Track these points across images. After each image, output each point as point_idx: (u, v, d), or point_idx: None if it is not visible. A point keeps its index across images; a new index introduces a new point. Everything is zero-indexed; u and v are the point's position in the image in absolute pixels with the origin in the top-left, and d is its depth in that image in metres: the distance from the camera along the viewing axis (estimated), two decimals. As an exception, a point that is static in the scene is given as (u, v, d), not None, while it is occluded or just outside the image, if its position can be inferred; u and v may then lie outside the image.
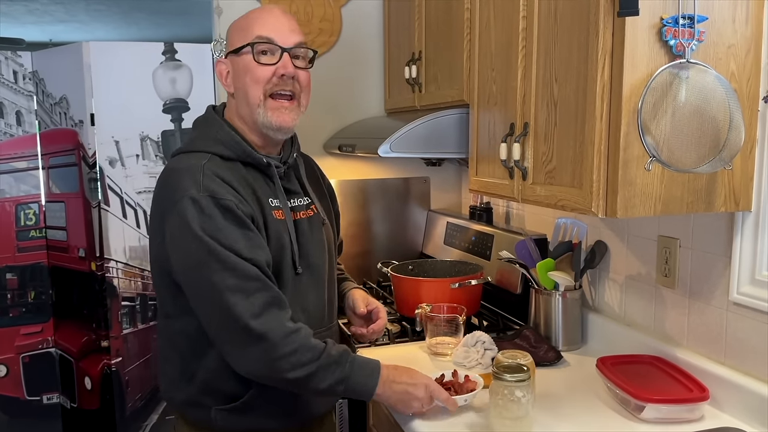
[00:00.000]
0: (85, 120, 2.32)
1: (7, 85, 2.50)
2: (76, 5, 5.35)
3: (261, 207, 1.35)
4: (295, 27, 1.39)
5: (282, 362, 1.24)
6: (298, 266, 1.39)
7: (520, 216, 2.28)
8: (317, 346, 1.28)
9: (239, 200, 1.29)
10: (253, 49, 1.34)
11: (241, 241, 1.26)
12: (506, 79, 1.65)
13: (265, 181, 1.39)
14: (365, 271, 2.58)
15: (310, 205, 1.48)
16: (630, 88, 1.24)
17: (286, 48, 1.35)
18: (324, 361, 1.27)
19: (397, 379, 1.34)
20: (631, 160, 1.26)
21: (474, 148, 1.85)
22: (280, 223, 1.37)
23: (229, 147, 1.36)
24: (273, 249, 1.34)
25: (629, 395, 1.38)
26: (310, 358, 1.26)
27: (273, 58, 1.35)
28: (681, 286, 1.57)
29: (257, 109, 1.36)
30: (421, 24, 2.19)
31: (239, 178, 1.34)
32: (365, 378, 1.31)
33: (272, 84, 1.35)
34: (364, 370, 1.32)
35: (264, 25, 1.36)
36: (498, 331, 1.95)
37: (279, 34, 1.35)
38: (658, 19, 1.24)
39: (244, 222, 1.28)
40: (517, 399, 1.28)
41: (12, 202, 2.55)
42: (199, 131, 1.42)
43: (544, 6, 1.48)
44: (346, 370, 1.29)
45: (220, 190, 1.28)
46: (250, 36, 1.35)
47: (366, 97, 2.59)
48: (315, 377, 1.26)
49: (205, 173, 1.30)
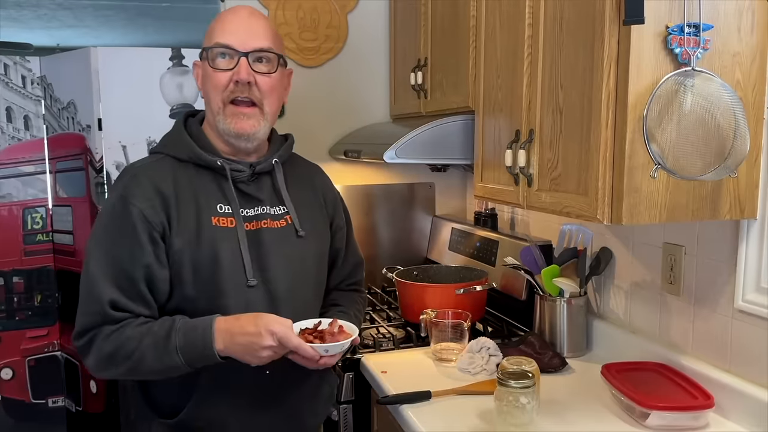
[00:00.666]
0: (92, 125, 2.33)
1: (16, 89, 2.52)
2: (83, 10, 5.39)
3: (197, 212, 1.30)
4: (259, 30, 1.32)
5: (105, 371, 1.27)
6: (250, 278, 1.32)
7: (525, 222, 2.28)
8: (135, 335, 1.23)
9: (151, 205, 1.27)
10: (208, 55, 1.31)
11: (126, 251, 1.25)
12: (512, 86, 1.66)
13: (219, 185, 1.34)
14: (370, 277, 2.57)
15: (284, 216, 1.40)
16: (635, 96, 1.25)
17: (244, 53, 1.29)
18: (147, 343, 1.22)
19: (239, 330, 1.22)
20: (637, 168, 1.26)
21: (479, 155, 1.86)
22: (223, 230, 1.31)
23: (182, 149, 1.34)
24: (204, 257, 1.29)
25: (634, 402, 1.38)
26: (130, 350, 1.23)
27: (230, 63, 1.30)
28: (686, 293, 1.57)
29: (218, 116, 1.32)
30: (427, 30, 2.20)
31: (182, 181, 1.31)
32: (199, 339, 1.22)
33: (229, 91, 1.30)
34: (195, 332, 1.23)
35: (223, 29, 1.31)
36: (503, 338, 1.95)
37: (237, 39, 1.30)
38: (663, 27, 1.24)
39: (137, 231, 1.25)
40: (522, 405, 1.28)
41: (19, 206, 2.57)
42: (165, 135, 1.42)
43: (549, 14, 1.48)
44: (176, 340, 1.22)
45: (136, 192, 1.27)
46: (209, 40, 1.32)
47: (371, 103, 2.60)
48: (144, 361, 1.23)
49: (136, 174, 1.31)
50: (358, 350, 1.85)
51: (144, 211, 1.26)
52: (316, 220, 1.47)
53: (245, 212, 1.35)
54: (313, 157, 2.49)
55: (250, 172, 1.36)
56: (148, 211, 1.26)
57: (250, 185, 1.37)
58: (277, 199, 1.40)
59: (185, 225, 1.29)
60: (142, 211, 1.26)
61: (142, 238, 1.26)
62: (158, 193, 1.29)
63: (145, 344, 1.23)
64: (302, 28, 2.46)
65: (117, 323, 1.24)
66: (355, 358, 1.82)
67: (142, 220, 1.26)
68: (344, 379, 1.80)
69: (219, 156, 1.35)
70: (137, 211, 1.26)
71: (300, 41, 2.46)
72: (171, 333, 1.23)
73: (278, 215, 1.39)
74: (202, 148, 1.34)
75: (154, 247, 1.27)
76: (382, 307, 2.30)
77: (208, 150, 1.35)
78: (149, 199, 1.27)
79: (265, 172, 1.40)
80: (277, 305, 1.34)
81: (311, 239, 1.43)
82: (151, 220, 1.26)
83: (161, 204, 1.28)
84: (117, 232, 1.27)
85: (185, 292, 1.30)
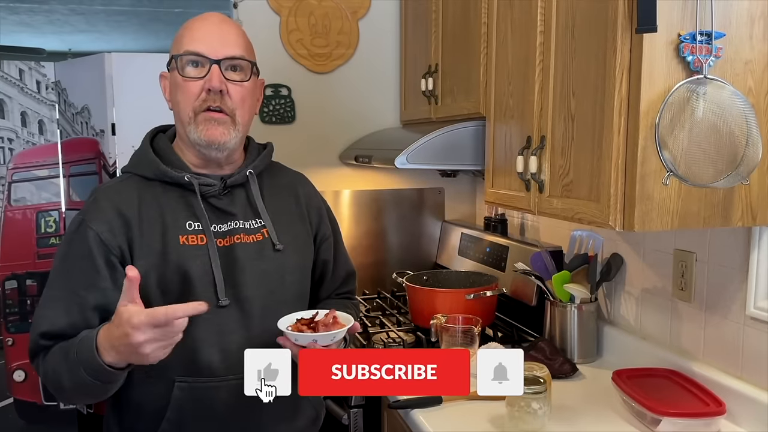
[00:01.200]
0: (106, 129, 2.36)
1: (31, 94, 2.55)
2: (96, 16, 5.43)
3: (163, 232, 1.25)
4: (231, 38, 1.27)
5: (54, 393, 1.27)
6: (222, 297, 1.25)
7: (535, 228, 2.29)
8: (56, 352, 1.19)
9: (109, 228, 1.22)
10: (178, 63, 1.25)
11: (78, 275, 1.22)
12: (523, 93, 1.66)
13: (187, 202, 1.28)
14: (379, 281, 2.59)
15: (260, 229, 1.33)
16: (647, 104, 1.25)
17: (215, 60, 1.23)
18: (59, 359, 1.18)
19: (113, 336, 1.09)
20: (649, 175, 1.27)
21: (490, 161, 1.87)
22: (191, 249, 1.25)
23: (147, 167, 1.29)
24: (171, 278, 1.24)
25: (645, 408, 1.38)
26: (52, 370, 1.20)
27: (201, 71, 1.24)
28: (697, 299, 1.57)
29: (188, 127, 1.26)
30: (438, 37, 2.21)
31: (147, 201, 1.27)
32: (89, 353, 1.12)
33: (200, 100, 1.24)
34: (87, 345, 1.13)
35: (192, 36, 1.26)
36: (513, 343, 1.96)
37: (208, 46, 1.24)
38: (675, 35, 1.25)
39: (92, 256, 1.21)
40: (534, 411, 1.29)
41: (33, 210, 2.59)
42: (134, 153, 1.38)
43: (561, 21, 1.49)
44: (75, 356, 1.14)
45: (94, 215, 1.24)
46: (179, 48, 1.26)
47: (381, 109, 2.61)
48: (62, 379, 1.17)
49: (97, 197, 1.27)
50: (368, 355, 1.85)
51: (101, 235, 1.22)
52: (297, 232, 1.40)
53: (217, 228, 1.29)
54: (323, 162, 2.52)
55: (221, 186, 1.30)
56: (105, 235, 1.22)
57: (222, 199, 1.30)
58: (252, 212, 1.33)
59: (149, 246, 1.24)
60: (98, 235, 1.22)
61: (98, 261, 1.21)
62: (119, 215, 1.24)
63: (57, 360, 1.19)
64: (314, 35, 2.48)
65: (48, 349, 1.22)
66: (366, 362, 1.82)
67: (98, 243, 1.22)
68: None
69: (187, 171, 1.29)
70: (93, 235, 1.22)
71: (311, 47, 2.48)
72: (72, 347, 1.16)
73: (253, 229, 1.32)
74: (169, 164, 1.29)
75: (111, 271, 1.22)
76: (391, 312, 2.31)
77: (176, 166, 1.29)
78: (107, 221, 1.23)
79: (238, 184, 1.33)
80: (250, 324, 1.29)
81: (291, 252, 1.36)
82: (108, 244, 1.22)
83: (122, 226, 1.24)
84: (73, 256, 1.24)
85: None
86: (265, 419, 1.33)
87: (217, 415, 1.28)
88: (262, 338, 1.27)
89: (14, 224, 2.58)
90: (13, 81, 2.52)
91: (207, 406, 1.28)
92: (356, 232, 2.60)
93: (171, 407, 1.26)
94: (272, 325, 1.26)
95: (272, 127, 2.46)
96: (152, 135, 1.36)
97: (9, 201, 2.57)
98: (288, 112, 2.47)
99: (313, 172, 2.59)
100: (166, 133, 1.38)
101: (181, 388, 1.25)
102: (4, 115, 2.51)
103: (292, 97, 2.48)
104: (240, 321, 1.28)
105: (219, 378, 1.26)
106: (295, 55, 2.47)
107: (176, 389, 1.25)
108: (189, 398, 1.26)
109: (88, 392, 1.20)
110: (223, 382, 1.27)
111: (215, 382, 1.26)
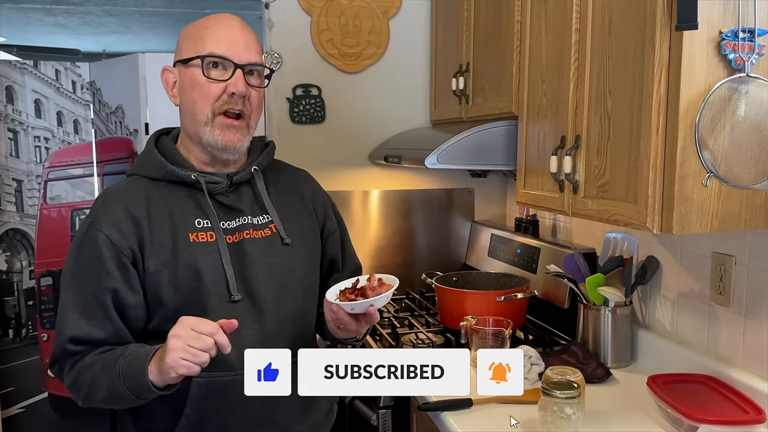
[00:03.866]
0: (139, 129, 2.39)
1: (66, 94, 2.59)
2: (129, 17, 5.52)
3: (173, 230, 1.27)
4: (253, 43, 1.30)
5: (77, 399, 1.26)
6: (234, 292, 1.27)
7: (567, 229, 2.25)
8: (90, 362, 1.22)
9: (117, 230, 1.24)
10: (203, 63, 1.26)
11: (93, 278, 1.23)
12: (557, 92, 1.64)
13: (195, 200, 1.30)
14: (408, 282, 2.58)
15: (268, 224, 1.35)
16: (687, 103, 1.22)
17: (240, 65, 1.26)
18: (98, 369, 1.21)
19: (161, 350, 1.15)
20: (688, 176, 1.24)
21: (522, 161, 1.85)
22: (202, 246, 1.27)
23: (154, 168, 1.31)
24: (184, 276, 1.25)
25: (682, 415, 1.35)
26: (86, 379, 1.22)
27: (225, 74, 1.26)
28: (736, 304, 1.53)
29: (204, 127, 1.28)
30: (470, 36, 2.19)
31: (155, 201, 1.28)
32: (140, 372, 1.15)
33: (221, 102, 1.26)
34: (138, 363, 1.17)
35: (217, 39, 1.27)
36: (544, 346, 1.93)
37: (233, 50, 1.26)
38: (716, 32, 1.22)
39: (102, 258, 1.23)
40: (567, 416, 1.27)
41: (68, 208, 2.64)
42: (138, 155, 1.41)
43: (598, 19, 1.47)
44: (120, 366, 1.18)
45: (103, 218, 1.25)
46: (201, 48, 1.26)
47: (411, 109, 2.60)
48: (96, 388, 1.21)
49: (106, 199, 1.29)
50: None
51: (111, 237, 1.23)
52: (304, 227, 1.42)
53: (226, 224, 1.31)
54: (352, 162, 2.52)
55: (227, 183, 1.32)
56: (115, 237, 1.23)
57: (229, 196, 1.33)
58: (258, 208, 1.36)
59: (160, 245, 1.25)
60: (108, 237, 1.23)
61: (109, 264, 1.23)
62: (128, 216, 1.25)
63: (96, 370, 1.21)
64: (344, 34, 2.48)
65: (78, 354, 1.24)
66: (395, 363, 1.82)
67: (109, 245, 1.23)
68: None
69: (193, 170, 1.31)
70: (103, 237, 1.23)
71: (342, 47, 2.48)
72: (118, 359, 1.19)
73: (261, 224, 1.35)
74: (174, 164, 1.31)
75: (123, 272, 1.24)
76: (420, 313, 2.30)
77: (182, 165, 1.31)
78: (116, 223, 1.24)
79: (244, 181, 1.36)
80: (263, 318, 1.30)
81: (299, 246, 1.38)
82: (119, 245, 1.23)
83: (131, 227, 1.25)
84: (85, 259, 1.25)
85: (166, 313, 1.26)
86: (281, 412, 1.34)
87: (234, 409, 1.30)
88: (276, 331, 1.31)
89: (50, 222, 2.63)
90: (49, 81, 2.57)
91: (224, 400, 1.29)
92: (385, 233, 2.59)
93: (189, 403, 1.28)
94: (285, 317, 1.32)
95: (302, 127, 2.47)
96: (156, 137, 1.39)
97: (45, 199, 2.62)
98: (318, 111, 2.48)
99: (342, 172, 2.63)
100: (168, 135, 1.40)
101: (199, 383, 1.26)
102: (40, 115, 2.56)
103: (322, 96, 2.49)
104: (253, 315, 1.30)
105: (235, 372, 1.27)
106: (325, 54, 2.47)
107: (194, 384, 1.26)
108: (207, 393, 1.28)
109: (117, 402, 1.24)
110: (239, 376, 1.26)
111: (231, 376, 1.27)
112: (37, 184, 2.62)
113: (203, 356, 1.11)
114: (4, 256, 2.67)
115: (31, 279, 2.71)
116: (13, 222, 2.62)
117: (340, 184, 2.51)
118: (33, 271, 2.70)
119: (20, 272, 2.70)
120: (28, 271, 2.70)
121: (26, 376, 2.83)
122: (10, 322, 2.73)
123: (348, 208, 2.53)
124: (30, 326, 2.76)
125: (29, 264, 2.69)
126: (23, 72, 2.54)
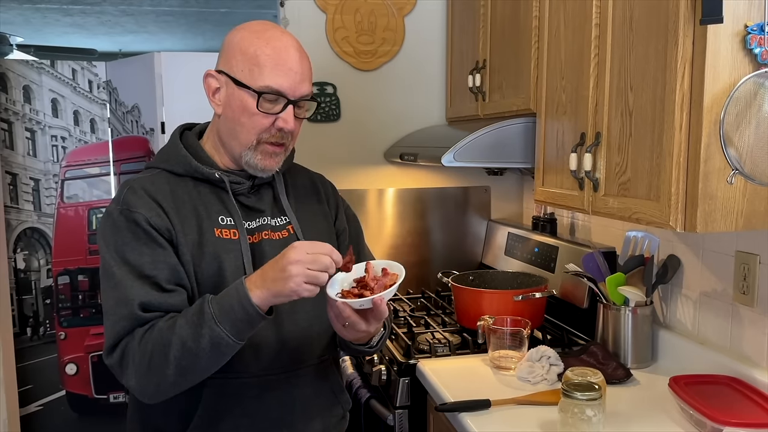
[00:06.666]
0: (155, 128, 2.39)
1: (83, 94, 2.60)
2: (145, 17, 5.54)
3: (199, 223, 1.26)
4: (307, 73, 1.29)
5: (148, 380, 1.16)
6: None
7: (586, 228, 2.22)
8: (167, 325, 1.16)
9: (155, 214, 1.23)
10: (258, 96, 1.25)
11: (145, 255, 1.20)
12: (577, 88, 1.61)
13: (219, 197, 1.31)
14: (423, 281, 2.57)
15: (286, 226, 1.36)
16: (711, 98, 1.20)
17: (293, 100, 1.27)
18: (181, 324, 1.14)
19: (267, 267, 1.15)
20: (712, 173, 1.21)
21: (540, 158, 1.82)
22: (226, 242, 1.27)
23: (179, 163, 1.31)
24: (207, 269, 1.25)
25: (705, 417, 1.32)
26: (167, 340, 1.14)
27: (276, 107, 1.26)
28: (760, 304, 1.50)
29: (246, 150, 1.28)
30: (486, 32, 2.17)
31: (179, 195, 1.28)
32: (234, 297, 1.13)
33: (269, 134, 1.27)
34: (228, 294, 1.15)
35: (277, 72, 1.25)
36: (563, 346, 1.90)
37: (289, 84, 1.25)
38: (742, 26, 1.19)
39: (150, 235, 1.21)
40: (588, 418, 1.24)
41: (84, 207, 2.65)
42: (161, 149, 1.39)
43: (618, 14, 1.44)
44: (210, 310, 1.14)
45: (136, 203, 1.23)
46: (258, 77, 1.24)
47: (427, 106, 2.58)
48: (185, 346, 1.13)
49: (132, 187, 1.26)
50: (413, 355, 1.83)
51: (150, 219, 1.22)
52: (320, 229, 1.42)
53: (247, 224, 1.31)
54: (368, 160, 2.51)
55: (249, 184, 1.33)
56: (154, 219, 1.22)
57: (251, 197, 1.34)
58: (278, 210, 1.37)
59: (187, 236, 1.25)
60: (148, 219, 1.22)
61: (159, 239, 1.22)
62: (158, 204, 1.25)
63: (179, 326, 1.14)
64: (359, 32, 2.46)
65: (147, 323, 1.18)
66: (411, 363, 1.80)
67: (150, 225, 1.22)
68: (400, 384, 1.78)
69: (217, 168, 1.32)
70: (143, 218, 1.22)
71: (357, 45, 2.47)
72: (203, 306, 1.15)
73: (279, 226, 1.36)
74: (199, 161, 1.31)
75: (172, 247, 1.24)
76: (436, 312, 2.28)
77: (206, 163, 1.31)
78: (150, 208, 1.23)
79: (265, 183, 1.37)
80: (279, 320, 1.29)
81: None
82: (158, 226, 1.23)
83: (163, 215, 1.24)
84: (130, 240, 1.21)
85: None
86: (295, 415, 1.34)
87: (248, 411, 1.29)
88: (291, 333, 1.31)
89: (67, 221, 2.64)
90: (66, 80, 2.58)
91: (238, 402, 1.28)
92: (400, 231, 2.58)
93: (202, 404, 1.27)
94: (300, 319, 1.32)
95: (317, 125, 2.46)
96: (180, 132, 1.38)
97: (62, 198, 2.64)
98: (333, 110, 2.47)
99: (357, 171, 2.62)
100: (192, 130, 1.40)
101: (213, 385, 1.25)
102: (57, 114, 2.58)
103: (337, 95, 2.47)
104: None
105: (250, 374, 1.27)
106: (340, 52, 2.46)
107: (208, 386, 1.25)
108: (221, 395, 1.27)
109: (212, 356, 1.15)
110: (254, 378, 1.28)
111: (246, 378, 1.27)
112: (54, 183, 2.64)
113: (323, 276, 1.12)
114: (22, 255, 2.69)
115: (48, 278, 2.73)
116: (30, 221, 2.64)
117: (355, 182, 2.51)
118: (50, 270, 2.72)
119: (38, 271, 2.72)
120: (45, 269, 2.72)
121: (44, 374, 2.86)
122: (28, 320, 2.75)
123: (363, 207, 2.52)
124: (48, 324, 2.78)
125: (47, 263, 2.71)
126: (40, 72, 2.55)
